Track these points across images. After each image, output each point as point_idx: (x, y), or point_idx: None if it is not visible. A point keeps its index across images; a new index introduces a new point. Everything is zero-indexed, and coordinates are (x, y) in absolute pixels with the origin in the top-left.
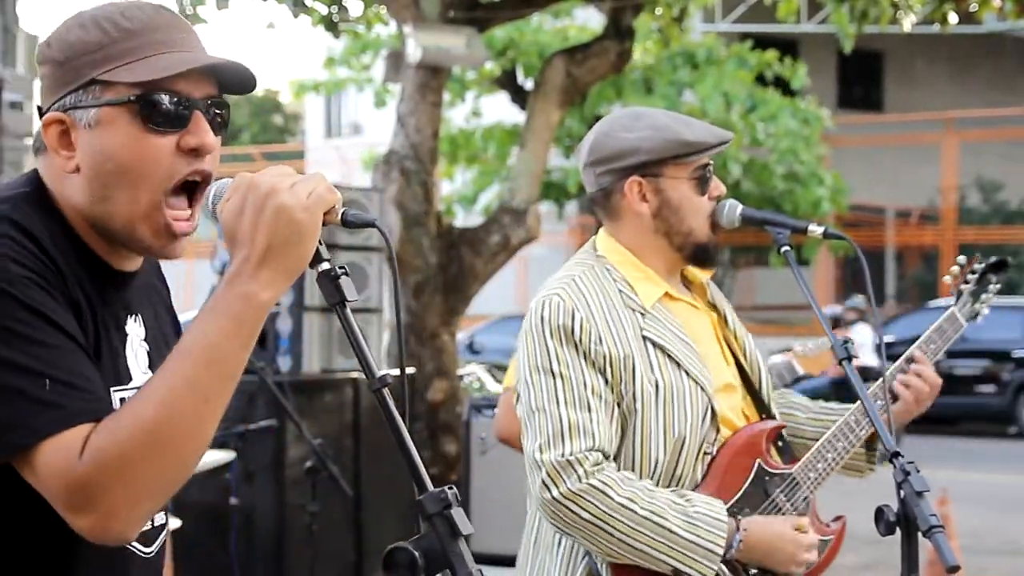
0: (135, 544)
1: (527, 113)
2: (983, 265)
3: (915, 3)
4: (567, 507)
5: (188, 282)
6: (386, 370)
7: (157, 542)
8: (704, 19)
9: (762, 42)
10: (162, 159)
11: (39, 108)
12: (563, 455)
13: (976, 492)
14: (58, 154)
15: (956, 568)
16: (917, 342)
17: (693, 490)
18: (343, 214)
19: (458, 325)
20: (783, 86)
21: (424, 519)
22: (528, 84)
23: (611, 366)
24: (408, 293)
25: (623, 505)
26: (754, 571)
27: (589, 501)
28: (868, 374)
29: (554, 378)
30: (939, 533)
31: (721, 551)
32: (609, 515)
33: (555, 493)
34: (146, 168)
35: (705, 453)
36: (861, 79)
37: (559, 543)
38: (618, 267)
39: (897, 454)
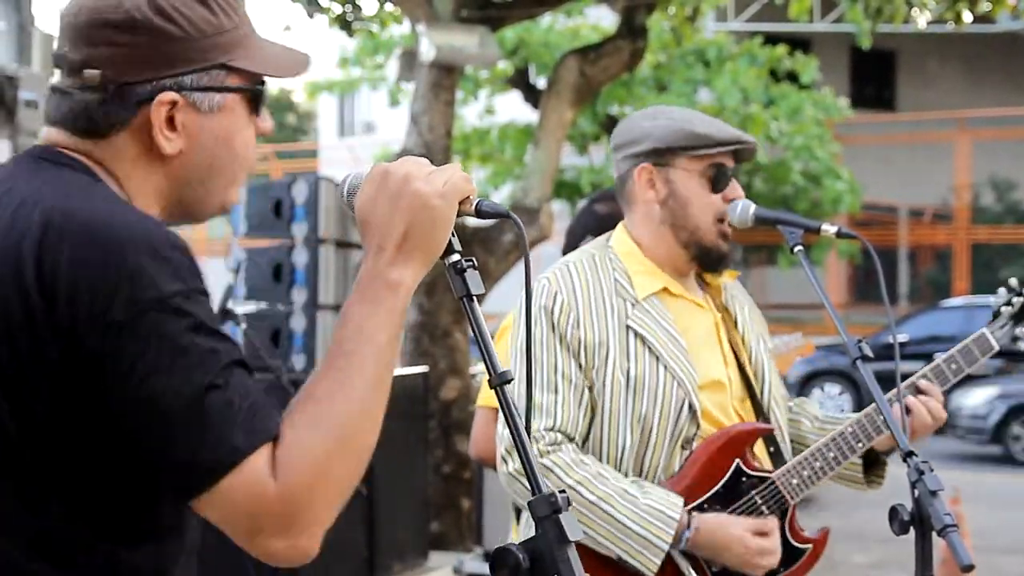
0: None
1: (540, 112)
2: None
3: (929, 1)
4: (519, 482)
5: None
6: (507, 368)
7: None
8: (716, 18)
9: (774, 41)
10: (254, 143)
11: (121, 83)
12: None
13: (987, 491)
14: (162, 135)
15: (971, 567)
16: (938, 359)
17: (667, 481)
18: (478, 204)
19: None
20: (795, 82)
21: (534, 522)
22: (541, 83)
23: (585, 351)
24: (421, 291)
25: (571, 487)
26: (715, 569)
27: None
28: None
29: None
30: (953, 532)
31: (665, 546)
32: None
33: (509, 468)
34: (249, 152)
35: (683, 447)
36: (874, 78)
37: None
38: (622, 258)
39: (911, 453)
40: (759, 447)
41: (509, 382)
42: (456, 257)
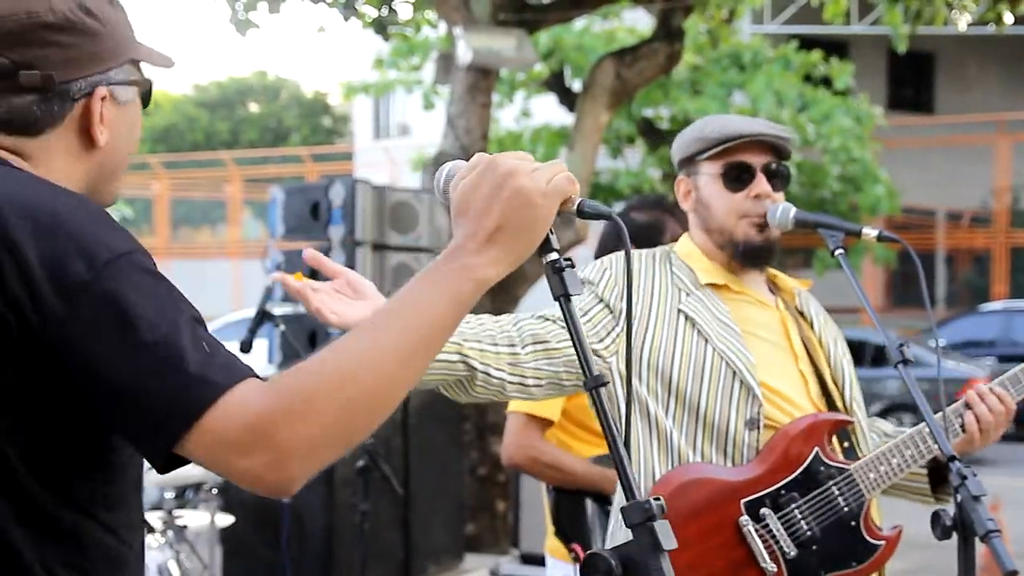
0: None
1: (576, 115)
2: None
3: (969, 3)
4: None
5: (235, 281)
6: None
7: None
8: (753, 20)
9: (812, 43)
10: None
11: (60, 81)
12: None
13: None
14: (96, 128)
15: (1014, 573)
16: (1012, 371)
17: (748, 463)
18: (579, 204)
19: None
20: (831, 87)
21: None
22: (576, 86)
23: (624, 320)
24: None
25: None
26: (790, 556)
27: None
28: None
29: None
30: (996, 537)
31: None
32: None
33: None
34: (137, 140)
35: (748, 428)
36: (912, 80)
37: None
38: (682, 257)
39: (954, 458)
40: (834, 441)
41: (605, 384)
42: (554, 256)
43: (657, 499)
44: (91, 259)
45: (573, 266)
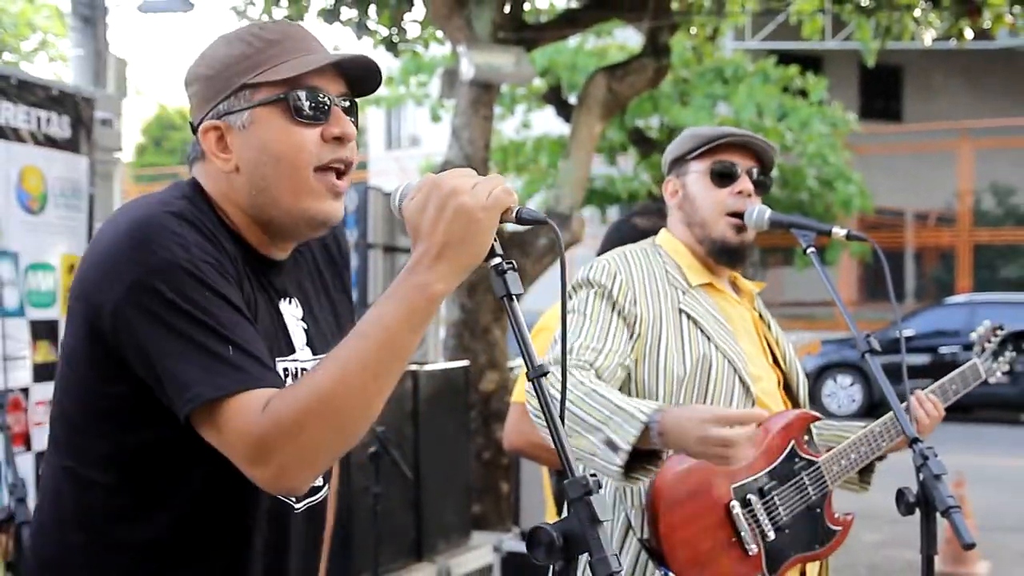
0: (289, 499)
1: (571, 125)
2: (1005, 332)
3: (934, 19)
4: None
5: None
6: (543, 360)
7: (305, 501)
8: (735, 37)
9: (789, 58)
10: (310, 147)
11: (191, 124)
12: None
13: (990, 475)
14: (217, 157)
15: (971, 545)
16: (939, 382)
17: None
18: (518, 212)
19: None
20: (807, 98)
21: (567, 503)
22: (572, 99)
23: (640, 324)
24: (463, 291)
25: (573, 386)
26: (770, 539)
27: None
28: None
29: (582, 318)
30: (956, 513)
31: (644, 417)
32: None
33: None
34: (298, 156)
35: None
36: (882, 92)
37: (612, 505)
38: (671, 254)
39: (916, 440)
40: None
41: (546, 374)
42: (497, 260)
43: (593, 475)
44: (135, 269)
45: (515, 269)
